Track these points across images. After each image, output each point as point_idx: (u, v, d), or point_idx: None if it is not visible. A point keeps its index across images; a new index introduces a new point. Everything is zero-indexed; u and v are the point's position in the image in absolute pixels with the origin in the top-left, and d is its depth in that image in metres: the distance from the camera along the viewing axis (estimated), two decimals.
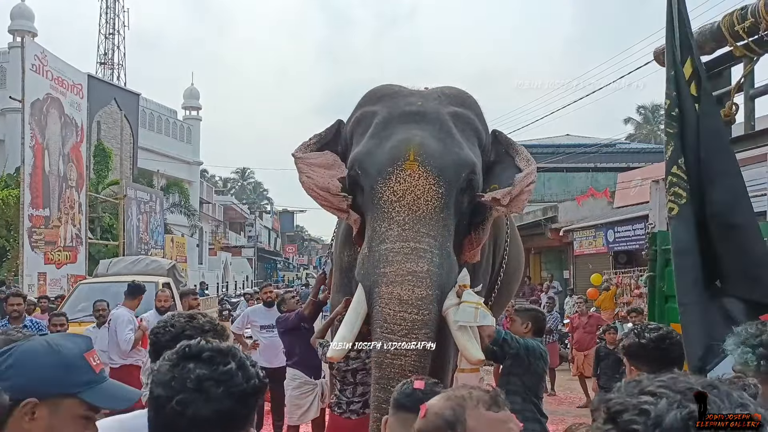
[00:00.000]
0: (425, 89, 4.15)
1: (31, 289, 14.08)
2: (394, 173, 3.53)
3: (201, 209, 35.95)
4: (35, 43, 17.92)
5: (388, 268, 3.39)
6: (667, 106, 3.36)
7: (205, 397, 1.23)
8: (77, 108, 17.65)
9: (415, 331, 3.30)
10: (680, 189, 3.20)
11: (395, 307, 3.32)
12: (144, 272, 10.90)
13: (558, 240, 19.37)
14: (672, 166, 3.24)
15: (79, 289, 10.62)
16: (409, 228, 3.45)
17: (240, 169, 66.78)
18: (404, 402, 2.00)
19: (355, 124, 4.01)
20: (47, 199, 15.80)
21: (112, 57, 35.31)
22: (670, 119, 3.30)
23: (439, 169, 3.55)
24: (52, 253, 15.77)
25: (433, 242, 3.46)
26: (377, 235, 3.53)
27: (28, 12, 24.95)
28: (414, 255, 3.39)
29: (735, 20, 3.94)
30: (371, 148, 3.71)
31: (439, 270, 3.42)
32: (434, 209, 3.51)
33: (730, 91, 4.16)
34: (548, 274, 21.68)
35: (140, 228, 22.37)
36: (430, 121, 3.74)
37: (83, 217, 17.82)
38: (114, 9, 35.28)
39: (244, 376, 1.28)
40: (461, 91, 4.12)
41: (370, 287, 3.48)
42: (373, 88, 4.12)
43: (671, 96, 3.31)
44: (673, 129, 3.27)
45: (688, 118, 3.28)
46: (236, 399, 1.26)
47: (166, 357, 1.31)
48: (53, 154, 16.23)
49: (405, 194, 3.50)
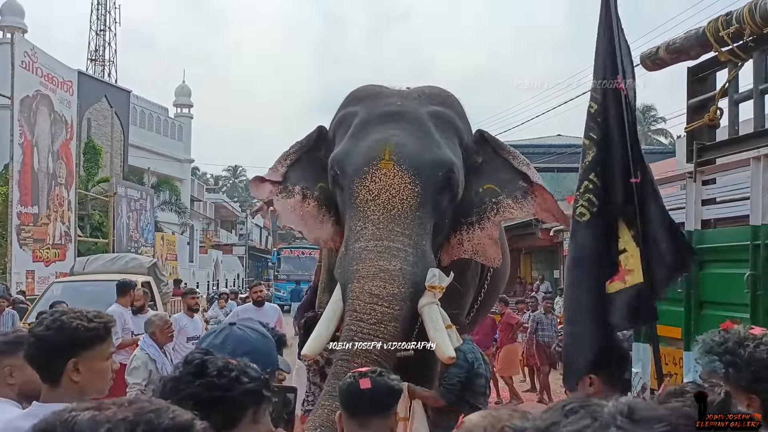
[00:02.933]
0: (407, 89, 4.18)
1: (20, 286, 14.01)
2: (370, 172, 3.58)
3: (192, 207, 35.82)
4: (25, 39, 17.83)
5: (360, 265, 3.44)
6: (593, 111, 3.29)
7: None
8: (67, 105, 17.58)
9: (384, 322, 3.33)
10: (594, 196, 3.19)
11: (366, 299, 3.36)
12: (123, 270, 10.41)
13: (548, 240, 19.43)
14: (590, 173, 3.24)
15: (53, 288, 10.05)
16: (383, 227, 3.49)
17: (231, 166, 66.63)
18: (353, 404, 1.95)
19: (338, 124, 4.07)
20: (36, 196, 15.73)
21: (102, 54, 35.11)
22: (594, 125, 3.26)
23: (414, 167, 3.59)
24: (40, 251, 15.70)
25: (407, 241, 3.49)
26: (353, 234, 3.58)
27: (18, 8, 24.75)
28: (387, 253, 3.43)
29: (720, 26, 3.96)
30: (349, 148, 3.76)
31: (413, 268, 3.44)
32: (409, 208, 3.54)
33: (714, 96, 4.19)
34: (539, 275, 21.74)
35: (130, 226, 22.31)
36: (408, 120, 3.78)
37: (72, 215, 17.76)
38: (105, 5, 35.07)
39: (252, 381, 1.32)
40: (443, 91, 4.16)
41: (344, 284, 3.52)
42: (356, 88, 4.17)
43: (597, 101, 3.27)
44: (596, 135, 3.23)
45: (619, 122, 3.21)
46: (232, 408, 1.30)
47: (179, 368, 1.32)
48: (42, 151, 16.16)
49: (380, 193, 3.55)
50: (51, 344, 1.67)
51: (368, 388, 1.93)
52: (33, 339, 1.72)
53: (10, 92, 14.81)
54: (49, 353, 1.68)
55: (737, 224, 4.14)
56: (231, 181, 68.03)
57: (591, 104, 3.31)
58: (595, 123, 3.25)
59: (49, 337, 1.67)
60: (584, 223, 3.20)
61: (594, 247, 3.16)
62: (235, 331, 1.68)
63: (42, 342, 1.68)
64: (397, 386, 2.02)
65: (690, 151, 4.16)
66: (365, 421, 1.93)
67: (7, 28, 23.80)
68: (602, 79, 3.27)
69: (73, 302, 7.45)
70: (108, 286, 9.17)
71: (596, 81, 3.31)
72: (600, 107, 3.24)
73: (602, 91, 3.25)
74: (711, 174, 4.13)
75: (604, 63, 3.29)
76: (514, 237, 22.43)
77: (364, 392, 1.93)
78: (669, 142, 32.89)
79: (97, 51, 34.97)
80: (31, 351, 1.72)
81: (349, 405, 1.96)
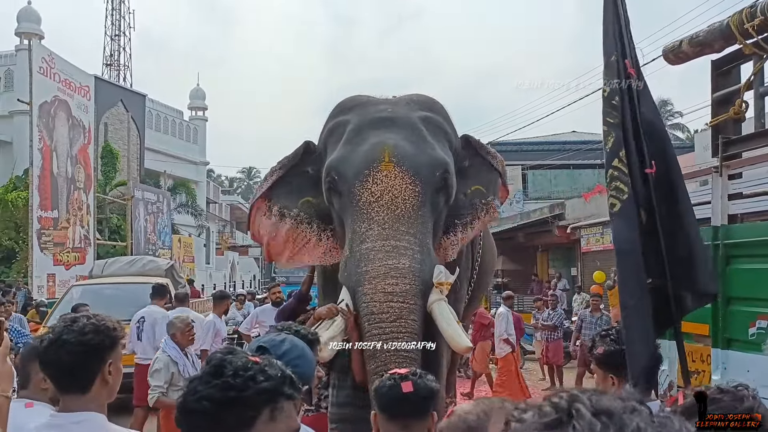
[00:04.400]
0: (393, 98, 4.28)
1: (41, 290, 14.16)
2: (371, 175, 3.63)
3: (208, 209, 36.02)
4: (42, 45, 18.00)
5: (370, 265, 3.47)
6: (606, 95, 3.21)
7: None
8: (84, 110, 17.72)
9: (403, 317, 3.37)
10: (621, 183, 3.05)
11: (381, 299, 3.39)
12: (141, 273, 10.54)
13: (565, 237, 19.31)
14: (613, 158, 3.10)
15: (72, 291, 10.00)
16: (389, 227, 3.54)
17: (246, 168, 66.87)
18: (395, 408, 1.92)
19: (328, 134, 4.12)
20: (56, 200, 15.88)
21: (117, 58, 35.41)
22: (611, 108, 3.15)
23: (414, 168, 3.65)
24: (60, 255, 15.85)
25: (413, 240, 3.55)
26: (357, 236, 3.61)
27: (34, 15, 25.04)
28: (395, 252, 3.47)
29: (744, 18, 3.91)
30: (346, 154, 3.81)
31: (420, 266, 3.50)
32: (412, 208, 3.60)
33: (739, 89, 4.14)
34: (556, 272, 21.62)
35: (147, 228, 22.45)
36: (401, 125, 3.85)
37: (91, 218, 17.91)
38: (119, 11, 35.38)
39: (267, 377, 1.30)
40: (429, 98, 4.28)
41: (353, 287, 3.54)
42: (343, 99, 4.25)
43: (611, 84, 3.18)
44: (613, 119, 3.13)
45: (631, 106, 3.14)
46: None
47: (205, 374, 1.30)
48: (61, 156, 16.32)
49: (383, 194, 3.60)
50: (92, 347, 1.66)
51: (410, 392, 1.90)
52: (67, 345, 1.64)
53: (29, 98, 14.96)
54: (89, 356, 1.66)
55: (765, 218, 4.09)
56: (246, 183, 68.27)
57: (604, 88, 3.25)
58: (611, 106, 3.16)
59: (89, 340, 1.66)
60: (617, 214, 3.07)
61: (632, 237, 3.01)
62: (293, 337, 1.78)
63: (81, 346, 1.65)
64: (436, 387, 1.99)
65: (715, 145, 4.12)
66: (407, 424, 1.91)
67: (24, 35, 24.09)
68: (612, 59, 3.20)
69: (93, 305, 7.48)
70: (127, 289, 9.53)
71: (606, 61, 3.24)
72: (613, 90, 3.17)
73: (614, 73, 3.18)
74: (737, 168, 4.08)
75: (614, 42, 3.22)
76: (529, 234, 22.39)
77: (407, 396, 1.90)
78: (686, 136, 32.61)
79: (112, 56, 35.29)
80: (61, 357, 1.65)
81: (390, 408, 1.93)
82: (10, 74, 24.57)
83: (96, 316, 1.75)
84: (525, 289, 22.17)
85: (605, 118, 3.22)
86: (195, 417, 1.19)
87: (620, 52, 3.20)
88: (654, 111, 3.36)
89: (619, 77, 3.16)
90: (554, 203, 21.45)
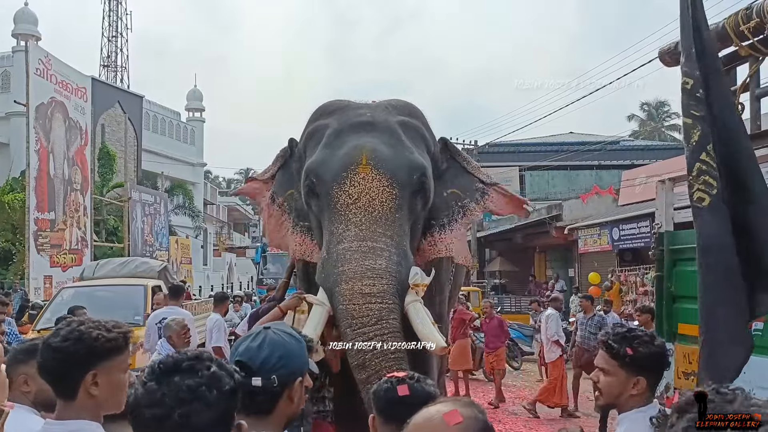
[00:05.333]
0: (373, 102, 4.36)
1: (38, 292, 14.14)
2: (349, 177, 3.68)
3: (205, 210, 35.99)
4: (39, 47, 17.99)
5: (346, 266, 3.49)
6: (689, 87, 3.09)
7: (204, 403, 1.28)
8: (81, 111, 17.70)
9: (384, 318, 3.38)
10: (710, 178, 2.93)
11: (359, 301, 3.40)
12: (133, 274, 10.34)
13: (563, 238, 19.35)
14: (700, 152, 2.99)
15: (62, 293, 9.75)
16: (366, 228, 3.58)
17: (243, 169, 66.62)
18: (391, 411, 1.90)
19: (308, 138, 4.19)
20: (52, 202, 15.85)
21: (115, 60, 35.40)
22: (695, 101, 3.05)
23: (391, 171, 3.70)
24: (57, 256, 15.82)
25: (390, 241, 3.59)
26: (335, 237, 3.65)
27: (31, 16, 25.02)
28: (372, 253, 3.50)
29: (740, 20, 3.93)
30: (325, 157, 3.87)
31: (397, 267, 3.53)
32: (389, 210, 3.65)
33: (735, 91, 4.15)
34: (554, 273, 21.65)
35: (145, 230, 22.43)
36: (380, 129, 3.91)
37: (88, 220, 17.88)
38: (117, 12, 35.36)
39: (227, 374, 1.35)
40: (408, 103, 4.35)
41: (330, 287, 3.55)
42: (323, 103, 4.31)
43: (693, 75, 3.07)
44: (698, 111, 3.02)
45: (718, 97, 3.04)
46: (229, 397, 1.33)
47: (143, 379, 1.33)
48: (58, 157, 16.29)
49: (360, 196, 3.64)
50: (69, 355, 1.59)
51: (406, 395, 1.89)
52: (49, 350, 1.61)
53: (26, 99, 14.93)
54: (68, 365, 1.60)
55: None
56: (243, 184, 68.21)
57: (686, 80, 3.13)
58: (695, 99, 3.05)
59: (67, 347, 1.59)
60: (706, 209, 2.96)
61: (721, 234, 2.90)
62: (270, 334, 1.70)
63: (59, 353, 1.60)
64: (434, 392, 1.98)
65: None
66: (402, 427, 1.92)
67: (21, 36, 24.07)
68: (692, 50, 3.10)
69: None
70: (118, 291, 9.35)
71: (687, 53, 3.14)
72: (697, 82, 3.06)
73: (695, 66, 3.08)
74: None
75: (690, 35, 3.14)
76: (527, 236, 22.46)
77: (403, 399, 1.89)
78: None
79: (109, 57, 35.28)
80: (46, 362, 1.63)
81: (386, 410, 1.92)
82: (6, 75, 24.53)
83: (94, 322, 1.67)
84: (522, 290, 22.22)
85: (689, 111, 3.11)
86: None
87: (699, 44, 3.10)
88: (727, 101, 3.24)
89: (700, 70, 3.07)
90: (552, 204, 21.49)
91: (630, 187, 17.47)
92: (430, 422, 1.37)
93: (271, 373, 1.61)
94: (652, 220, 12.35)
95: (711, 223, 2.98)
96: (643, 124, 41.09)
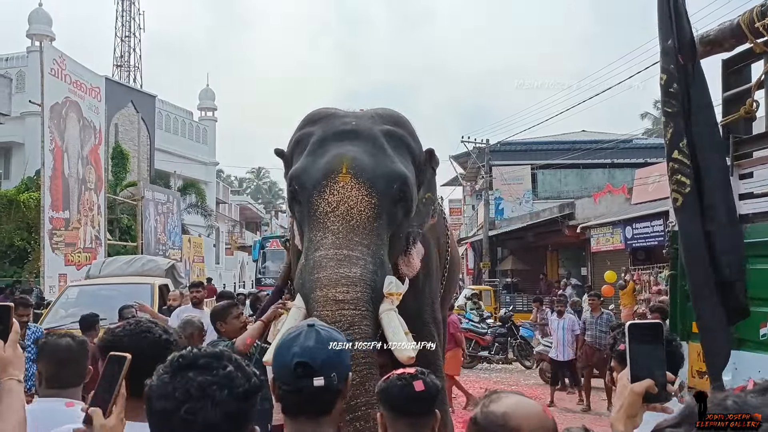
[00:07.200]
0: (360, 111, 4.39)
1: (52, 290, 14.26)
2: (328, 185, 3.71)
3: (217, 209, 36.16)
4: (53, 47, 18.12)
5: (321, 273, 3.51)
6: (663, 82, 3.03)
7: (212, 402, 1.26)
8: (95, 111, 17.82)
9: (356, 324, 3.39)
10: (683, 176, 2.90)
11: (332, 307, 3.42)
12: (140, 273, 10.21)
13: (575, 237, 19.29)
14: (672, 150, 2.94)
15: (67, 292, 9.62)
16: (343, 236, 3.60)
17: (255, 168, 67.10)
18: (408, 407, 1.97)
19: (295, 145, 4.24)
20: (67, 201, 15.98)
21: (128, 59, 35.65)
22: (669, 97, 2.99)
23: (371, 180, 3.72)
24: (72, 255, 15.94)
25: (366, 250, 3.60)
26: (313, 244, 3.68)
27: (45, 16, 25.24)
28: (347, 261, 3.52)
29: (755, 17, 3.90)
30: (307, 165, 3.91)
31: (372, 276, 3.54)
32: (367, 219, 3.67)
33: (750, 88, 4.12)
34: (566, 272, 21.57)
35: (158, 229, 22.54)
36: (363, 138, 3.94)
37: (102, 219, 18.00)
38: (129, 12, 35.60)
39: (243, 377, 1.32)
40: (394, 112, 4.38)
41: (306, 294, 3.58)
42: (310, 112, 4.35)
43: (668, 70, 3.01)
44: (672, 108, 2.97)
45: (690, 93, 2.96)
46: (241, 399, 1.30)
47: (160, 370, 1.34)
48: (72, 157, 16.41)
49: (339, 205, 3.67)
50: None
51: (422, 390, 1.96)
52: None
53: (40, 99, 15.05)
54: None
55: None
56: (255, 183, 68.51)
57: (661, 75, 3.07)
58: (668, 94, 3.00)
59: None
60: (680, 208, 2.93)
61: (696, 231, 2.86)
62: (320, 331, 1.68)
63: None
64: (441, 385, 2.08)
65: (726, 144, 4.10)
66: (414, 422, 1.98)
67: (35, 36, 24.28)
68: (668, 42, 3.03)
69: (88, 306, 7.38)
70: (124, 289, 8.99)
71: (663, 45, 3.08)
72: (670, 77, 3.00)
73: (671, 59, 3.02)
74: (748, 168, 4.06)
75: (669, 24, 3.06)
76: (539, 234, 22.40)
77: (419, 394, 1.96)
78: None
79: (122, 57, 35.53)
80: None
81: (401, 407, 1.98)
82: (21, 76, 24.75)
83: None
84: (534, 289, 22.15)
85: (663, 108, 3.06)
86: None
87: (676, 35, 3.03)
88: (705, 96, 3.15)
89: (675, 63, 2.99)
90: (564, 203, 21.42)
91: (643, 186, 17.37)
92: (534, 410, 1.37)
93: (332, 371, 1.60)
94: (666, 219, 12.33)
95: (688, 222, 2.94)
96: (656, 122, 40.83)
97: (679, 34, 3.11)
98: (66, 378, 2.32)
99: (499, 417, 1.33)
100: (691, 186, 2.89)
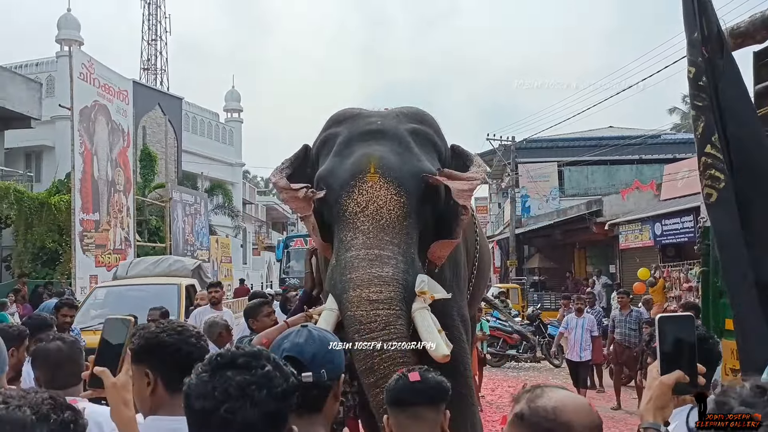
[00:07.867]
0: (385, 110, 4.35)
1: (83, 291, 14.49)
2: (357, 186, 3.70)
3: (244, 210, 36.45)
4: (82, 51, 18.41)
5: (354, 273, 3.50)
6: (692, 75, 2.93)
7: (251, 402, 1.26)
8: (123, 114, 18.06)
9: (392, 323, 3.38)
10: (717, 171, 2.79)
11: (367, 307, 3.40)
12: (167, 273, 10.24)
13: (603, 234, 19.06)
14: (705, 145, 2.84)
15: (95, 293, 9.67)
16: (373, 236, 3.59)
17: None
18: (404, 397, 1.98)
19: (321, 145, 4.23)
20: (97, 203, 16.23)
21: (155, 63, 36.11)
22: (698, 90, 2.89)
23: (399, 179, 3.71)
24: (102, 256, 16.19)
25: (397, 249, 3.59)
26: (343, 245, 3.67)
27: (73, 21, 25.68)
28: (378, 261, 3.51)
29: None
30: (334, 166, 3.90)
31: (404, 275, 3.53)
32: (397, 218, 3.66)
33: None
34: (594, 269, 21.35)
35: (186, 230, 22.77)
36: (389, 137, 3.93)
37: (131, 221, 18.25)
38: (156, 16, 36.07)
39: (282, 376, 1.32)
40: (419, 110, 4.35)
41: (339, 295, 3.56)
42: (336, 112, 4.33)
43: (696, 63, 2.91)
44: (701, 101, 2.87)
45: (719, 86, 2.86)
46: (279, 399, 1.30)
47: (198, 369, 1.34)
48: (102, 159, 16.66)
49: (368, 204, 3.66)
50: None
51: (417, 381, 1.98)
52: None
53: (70, 103, 15.29)
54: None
55: None
56: None
57: (689, 69, 2.98)
58: (697, 88, 2.90)
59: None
60: (713, 204, 2.83)
61: (732, 228, 2.76)
62: (312, 331, 1.71)
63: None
64: (445, 383, 2.05)
65: None
66: (417, 414, 1.96)
67: (65, 41, 24.71)
68: (695, 35, 2.94)
69: (115, 307, 7.48)
70: (150, 290, 9.11)
71: (689, 37, 2.98)
72: (698, 70, 2.91)
73: (698, 51, 2.92)
74: None
75: (694, 16, 2.98)
76: (566, 232, 22.18)
77: (414, 384, 1.97)
78: None
79: (149, 60, 36.02)
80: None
81: (399, 399, 1.99)
82: (51, 80, 25.18)
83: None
84: (561, 287, 21.95)
85: (693, 102, 2.97)
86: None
87: (700, 28, 2.93)
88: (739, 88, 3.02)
89: (703, 56, 2.90)
90: (591, 200, 21.20)
91: (672, 182, 17.11)
92: (584, 405, 1.35)
93: (321, 368, 1.62)
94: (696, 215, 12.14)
95: (722, 219, 2.84)
96: (685, 116, 40.20)
97: (703, 26, 3.04)
98: (63, 379, 2.37)
99: (549, 412, 1.28)
100: (726, 181, 2.78)
